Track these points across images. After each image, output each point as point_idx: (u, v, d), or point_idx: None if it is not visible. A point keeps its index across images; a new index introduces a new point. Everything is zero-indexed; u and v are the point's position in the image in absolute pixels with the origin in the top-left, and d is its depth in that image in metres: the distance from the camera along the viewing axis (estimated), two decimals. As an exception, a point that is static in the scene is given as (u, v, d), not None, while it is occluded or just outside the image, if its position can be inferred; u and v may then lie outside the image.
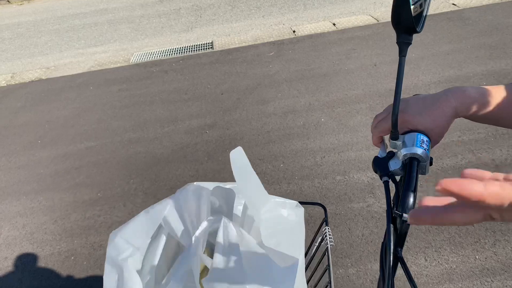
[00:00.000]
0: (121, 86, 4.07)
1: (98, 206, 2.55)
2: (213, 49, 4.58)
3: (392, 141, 0.69)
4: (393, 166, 0.69)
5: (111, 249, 0.63)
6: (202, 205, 0.68)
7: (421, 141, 0.67)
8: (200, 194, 0.69)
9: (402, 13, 0.61)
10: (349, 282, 1.87)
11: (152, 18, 6.09)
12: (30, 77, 4.64)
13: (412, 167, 0.65)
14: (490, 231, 1.98)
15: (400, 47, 0.65)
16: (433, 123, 0.68)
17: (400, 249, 0.63)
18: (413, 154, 0.66)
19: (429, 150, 0.67)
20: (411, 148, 0.66)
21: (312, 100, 3.27)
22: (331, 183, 2.43)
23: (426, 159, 0.67)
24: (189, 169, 2.74)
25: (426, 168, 0.69)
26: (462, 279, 1.79)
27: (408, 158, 0.67)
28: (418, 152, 0.66)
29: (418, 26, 0.64)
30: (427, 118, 0.68)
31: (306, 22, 4.99)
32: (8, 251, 2.34)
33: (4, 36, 6.35)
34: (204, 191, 0.69)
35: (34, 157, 3.15)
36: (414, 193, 0.62)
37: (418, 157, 0.66)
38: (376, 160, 0.72)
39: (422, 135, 0.67)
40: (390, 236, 0.61)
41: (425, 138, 0.67)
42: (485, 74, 3.21)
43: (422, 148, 0.66)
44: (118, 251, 0.63)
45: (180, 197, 0.69)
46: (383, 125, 0.72)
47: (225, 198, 0.72)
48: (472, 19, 4.20)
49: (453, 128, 2.68)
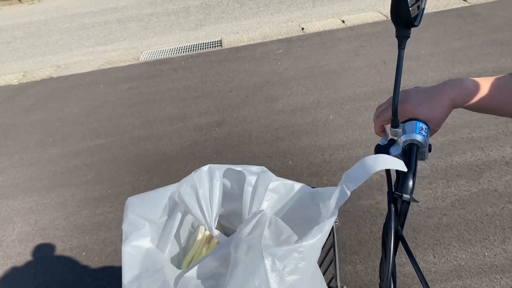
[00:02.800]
0: (131, 84, 4.10)
1: (109, 202, 2.59)
2: (221, 47, 4.60)
3: (393, 129, 0.74)
4: (394, 152, 0.74)
5: (127, 227, 0.67)
6: (215, 184, 0.73)
7: (420, 128, 0.71)
8: (213, 174, 0.73)
9: (401, 9, 0.66)
10: (357, 279, 1.87)
11: (161, 16, 6.12)
12: (41, 76, 4.70)
13: (411, 152, 0.70)
14: (499, 228, 1.97)
15: (399, 40, 0.70)
16: (432, 113, 0.73)
17: (400, 228, 0.68)
18: (412, 140, 0.71)
19: (428, 137, 0.72)
20: (411, 135, 0.71)
21: (321, 98, 3.27)
22: (340, 180, 2.43)
23: (425, 145, 0.72)
24: (198, 166, 2.73)
25: (425, 154, 0.74)
26: (471, 276, 1.79)
27: (408, 144, 0.72)
28: (417, 138, 0.70)
29: (416, 20, 0.70)
30: (426, 109, 0.73)
31: (314, 19, 4.98)
32: (21, 247, 2.39)
33: (16, 35, 6.43)
34: (217, 172, 0.74)
35: (45, 154, 3.20)
36: (413, 176, 0.67)
37: (417, 143, 0.71)
38: (378, 147, 0.77)
39: (421, 123, 0.72)
40: (391, 216, 0.65)
41: (424, 125, 0.72)
42: (496, 71, 3.19)
43: (421, 135, 0.71)
44: (134, 228, 0.66)
45: (195, 177, 0.73)
46: (384, 115, 0.77)
47: (236, 180, 0.77)
48: (483, 15, 4.16)
49: (462, 125, 2.67)
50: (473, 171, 2.32)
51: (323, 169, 2.54)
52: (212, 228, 0.70)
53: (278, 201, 0.72)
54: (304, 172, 2.54)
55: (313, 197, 0.68)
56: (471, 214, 2.07)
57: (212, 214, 0.70)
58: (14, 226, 2.55)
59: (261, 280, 0.53)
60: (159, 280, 0.60)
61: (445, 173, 2.34)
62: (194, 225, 0.85)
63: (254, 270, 0.54)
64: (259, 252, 0.56)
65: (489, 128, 2.62)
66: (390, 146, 0.75)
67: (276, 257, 0.55)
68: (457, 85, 0.73)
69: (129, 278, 0.61)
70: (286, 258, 0.55)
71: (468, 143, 2.53)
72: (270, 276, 0.53)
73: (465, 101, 0.72)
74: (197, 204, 0.70)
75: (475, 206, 2.11)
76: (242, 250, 0.59)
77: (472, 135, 2.59)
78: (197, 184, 0.71)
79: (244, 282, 0.53)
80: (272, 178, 0.72)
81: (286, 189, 0.73)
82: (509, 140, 2.49)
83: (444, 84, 0.74)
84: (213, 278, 0.62)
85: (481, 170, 2.32)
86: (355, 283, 1.86)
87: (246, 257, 0.57)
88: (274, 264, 0.55)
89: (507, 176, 2.25)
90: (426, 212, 2.12)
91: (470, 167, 2.35)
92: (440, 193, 2.22)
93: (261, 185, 0.71)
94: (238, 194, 0.75)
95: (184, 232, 0.82)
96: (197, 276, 0.62)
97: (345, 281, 1.88)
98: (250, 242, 0.60)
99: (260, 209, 0.69)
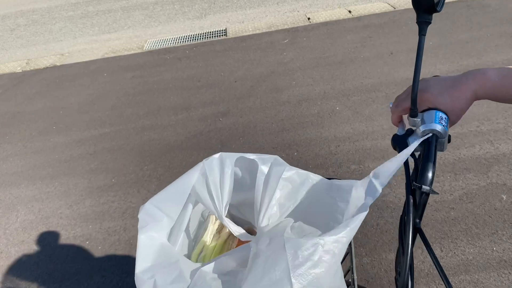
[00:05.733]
0: (135, 73, 4.07)
1: (113, 192, 2.57)
2: (226, 36, 4.55)
3: (411, 119, 0.71)
4: (412, 142, 0.70)
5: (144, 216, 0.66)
6: (226, 172, 0.71)
7: (440, 118, 0.69)
8: (224, 163, 0.71)
9: None
10: (363, 272, 1.86)
11: (165, 4, 6.06)
12: (45, 64, 4.67)
13: (431, 142, 0.67)
14: (508, 222, 1.94)
15: (420, 26, 0.67)
16: (453, 104, 0.69)
17: (418, 220, 0.65)
18: (432, 130, 0.68)
19: (447, 127, 0.69)
20: (430, 125, 0.68)
21: (327, 88, 3.23)
22: (346, 172, 2.40)
23: (445, 135, 0.69)
24: (203, 157, 2.73)
25: (444, 145, 0.71)
26: (479, 271, 1.77)
27: (427, 134, 0.69)
28: (437, 128, 0.68)
29: (438, 5, 0.67)
30: (447, 99, 0.70)
31: (321, 9, 4.91)
32: (24, 235, 2.38)
33: (19, 22, 6.38)
34: (228, 160, 0.72)
35: (49, 143, 3.18)
36: (433, 167, 0.64)
37: (436, 133, 0.68)
38: (396, 137, 0.74)
39: (440, 112, 0.69)
40: (410, 208, 0.63)
41: (444, 115, 0.69)
42: (505, 63, 3.14)
43: (441, 125, 0.68)
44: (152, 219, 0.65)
45: (206, 165, 0.71)
46: (403, 104, 0.73)
47: (248, 168, 0.75)
48: (492, 6, 4.09)
49: (471, 118, 2.63)
50: (482, 165, 2.29)
51: (328, 161, 2.51)
52: (222, 216, 0.68)
53: (292, 191, 0.70)
54: (309, 163, 2.51)
55: (330, 189, 0.66)
56: (479, 208, 2.04)
57: (222, 203, 0.68)
58: (17, 214, 2.54)
59: (282, 272, 0.51)
60: (174, 272, 0.58)
61: (453, 166, 2.31)
62: (204, 215, 0.83)
63: (275, 261, 0.52)
64: (282, 244, 0.54)
65: (498, 121, 2.58)
66: (408, 136, 0.73)
67: (299, 249, 0.53)
68: (480, 76, 0.69)
69: (141, 268, 0.59)
70: (309, 251, 0.53)
71: (476, 136, 2.49)
72: (291, 269, 0.51)
73: (487, 93, 0.69)
74: (207, 193, 0.68)
75: (483, 200, 2.08)
76: (263, 242, 0.57)
77: (480, 128, 2.55)
78: (207, 172, 0.69)
79: (265, 274, 0.51)
80: (286, 168, 0.70)
81: (301, 179, 0.70)
82: (518, 133, 2.46)
83: (466, 75, 0.70)
84: (231, 274, 0.60)
85: (490, 163, 2.29)
86: (361, 276, 1.84)
87: (267, 249, 0.55)
88: (296, 256, 0.52)
89: (516, 170, 2.22)
90: (434, 206, 2.10)
91: (478, 161, 2.32)
92: (448, 187, 2.19)
93: (274, 174, 0.69)
94: (250, 183, 0.73)
95: (194, 221, 0.80)
96: (214, 271, 0.61)
97: (350, 274, 1.86)
98: (273, 234, 0.58)
99: (273, 198, 0.67)
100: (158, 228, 0.64)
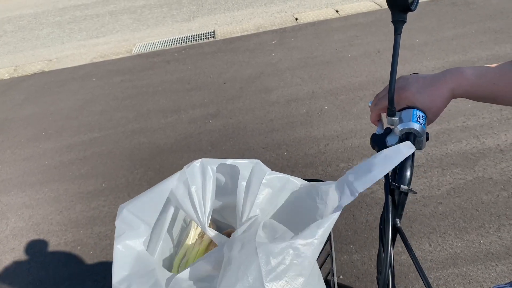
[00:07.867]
0: (124, 77, 4.06)
1: (103, 196, 2.57)
2: (215, 38, 4.56)
3: (389, 118, 0.72)
4: (391, 142, 0.72)
5: (120, 224, 0.65)
6: (207, 180, 0.70)
7: (417, 117, 0.69)
8: (206, 170, 0.71)
9: None
10: (353, 268, 1.87)
11: (153, 8, 6.05)
12: (32, 70, 4.64)
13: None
14: (494, 215, 1.97)
15: (395, 25, 0.69)
16: (431, 103, 0.70)
17: (398, 220, 0.65)
18: (409, 129, 0.69)
19: (425, 125, 0.70)
20: (408, 123, 0.69)
21: (315, 88, 3.25)
22: (335, 170, 2.42)
23: (423, 134, 0.69)
24: (193, 159, 2.70)
25: (422, 143, 0.71)
26: (467, 264, 1.80)
27: (405, 133, 0.69)
28: (414, 127, 0.68)
29: (412, 5, 0.68)
30: (426, 97, 0.70)
31: (308, 9, 4.94)
32: (15, 242, 2.37)
33: (6, 29, 6.34)
34: (209, 167, 0.72)
35: (38, 149, 3.16)
36: (411, 166, 0.65)
37: (414, 132, 0.69)
38: (374, 137, 0.75)
39: (418, 111, 0.70)
40: (389, 208, 0.62)
41: (421, 113, 0.70)
42: (490, 59, 3.18)
43: (419, 123, 0.68)
44: (128, 227, 0.65)
45: (187, 172, 0.71)
46: (382, 103, 0.74)
47: (229, 174, 0.75)
48: (476, 3, 4.14)
49: (457, 113, 2.66)
50: (468, 159, 2.32)
51: (318, 159, 2.53)
52: (205, 226, 0.68)
53: (273, 196, 0.70)
54: (299, 163, 2.53)
55: (309, 191, 0.66)
56: (466, 202, 2.07)
57: (205, 212, 0.68)
58: (7, 221, 2.53)
59: (254, 278, 0.51)
60: (150, 281, 0.58)
61: (440, 162, 2.34)
62: (186, 220, 0.83)
63: (247, 267, 0.53)
64: (253, 249, 0.54)
65: (484, 116, 2.61)
66: (386, 135, 0.73)
67: (270, 254, 0.53)
68: (457, 75, 0.70)
69: (118, 278, 0.59)
70: (281, 255, 0.53)
71: (463, 131, 2.53)
72: (264, 274, 0.51)
73: (465, 91, 0.70)
74: (189, 201, 0.67)
75: (470, 194, 2.11)
76: (236, 248, 0.57)
77: (467, 123, 2.58)
78: (189, 180, 0.69)
79: (238, 280, 0.52)
80: (267, 172, 0.70)
81: (281, 183, 0.71)
82: (503, 127, 2.49)
83: (444, 73, 0.71)
84: (207, 280, 0.61)
85: (476, 158, 2.32)
86: (351, 273, 1.86)
87: (239, 254, 0.56)
88: (268, 261, 0.53)
89: (502, 163, 2.25)
90: (422, 201, 2.12)
91: (465, 156, 2.35)
92: (436, 182, 2.22)
93: (255, 179, 0.69)
94: (232, 188, 0.73)
95: (176, 227, 0.80)
96: (190, 277, 0.61)
97: (341, 271, 1.88)
98: (244, 240, 0.58)
99: (255, 203, 0.68)
100: (134, 236, 0.64)
